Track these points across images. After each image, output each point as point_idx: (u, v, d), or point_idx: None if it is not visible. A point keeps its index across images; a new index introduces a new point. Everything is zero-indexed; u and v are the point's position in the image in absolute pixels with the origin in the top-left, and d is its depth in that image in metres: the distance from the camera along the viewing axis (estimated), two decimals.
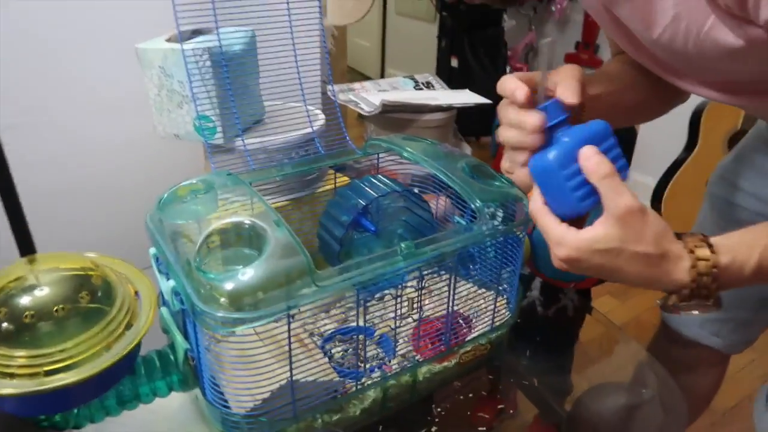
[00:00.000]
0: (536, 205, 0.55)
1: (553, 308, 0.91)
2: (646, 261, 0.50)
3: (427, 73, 1.35)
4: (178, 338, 0.62)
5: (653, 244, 0.50)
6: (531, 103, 0.54)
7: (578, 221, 0.55)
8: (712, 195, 0.89)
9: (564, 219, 0.54)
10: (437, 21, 3.02)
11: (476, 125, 2.87)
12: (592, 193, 0.52)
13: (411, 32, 3.60)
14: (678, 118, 0.80)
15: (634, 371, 0.86)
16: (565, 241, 0.52)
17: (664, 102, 0.75)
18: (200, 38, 0.78)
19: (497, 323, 0.73)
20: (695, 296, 0.51)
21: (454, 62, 2.87)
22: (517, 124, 0.55)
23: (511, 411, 0.74)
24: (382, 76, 4.00)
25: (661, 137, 2.00)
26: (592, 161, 0.51)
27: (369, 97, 1.15)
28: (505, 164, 0.60)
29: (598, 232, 0.51)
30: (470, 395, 0.74)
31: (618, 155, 0.54)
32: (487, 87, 0.61)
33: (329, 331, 0.73)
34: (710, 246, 0.51)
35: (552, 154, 0.53)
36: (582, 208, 0.53)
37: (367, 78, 4.04)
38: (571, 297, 0.91)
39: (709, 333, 0.93)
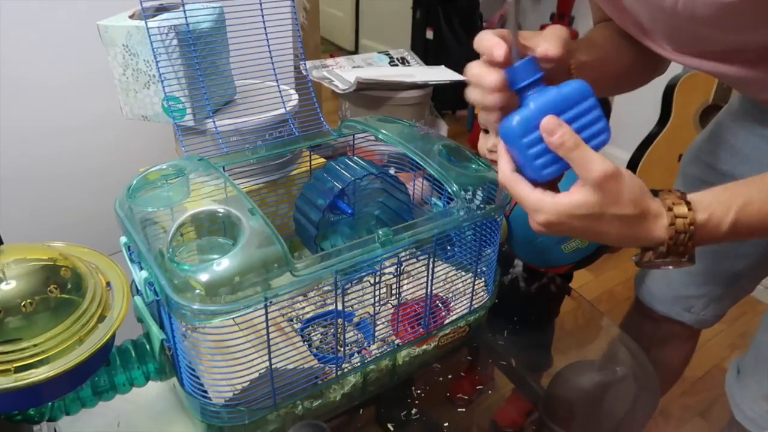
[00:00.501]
0: (506, 172, 0.52)
1: (536, 284, 0.92)
2: (626, 222, 0.50)
3: (402, 48, 1.32)
4: (154, 328, 0.60)
5: (632, 206, 0.49)
6: (508, 62, 0.51)
7: (552, 183, 0.53)
8: (686, 174, 0.89)
9: (536, 183, 0.52)
10: None
11: (452, 99, 2.85)
12: (559, 159, 0.50)
13: (385, 3, 3.53)
14: (651, 92, 0.80)
15: (609, 348, 0.87)
16: (543, 207, 0.50)
17: (648, 70, 0.74)
18: (165, 15, 0.75)
19: (476, 305, 0.73)
20: (671, 253, 0.51)
21: (429, 34, 2.83)
22: (477, 82, 0.52)
23: (490, 392, 0.75)
24: (356, 47, 3.93)
25: (634, 111, 2.01)
26: (555, 136, 0.49)
27: (343, 74, 1.12)
28: (482, 149, 0.59)
29: (576, 199, 0.49)
30: (449, 376, 0.74)
31: (597, 117, 0.51)
32: (462, 59, 0.58)
33: (307, 316, 0.72)
34: (688, 203, 0.50)
35: (515, 120, 0.50)
36: (544, 177, 0.51)
37: (340, 49, 3.98)
38: (552, 275, 0.92)
39: (681, 309, 0.95)
